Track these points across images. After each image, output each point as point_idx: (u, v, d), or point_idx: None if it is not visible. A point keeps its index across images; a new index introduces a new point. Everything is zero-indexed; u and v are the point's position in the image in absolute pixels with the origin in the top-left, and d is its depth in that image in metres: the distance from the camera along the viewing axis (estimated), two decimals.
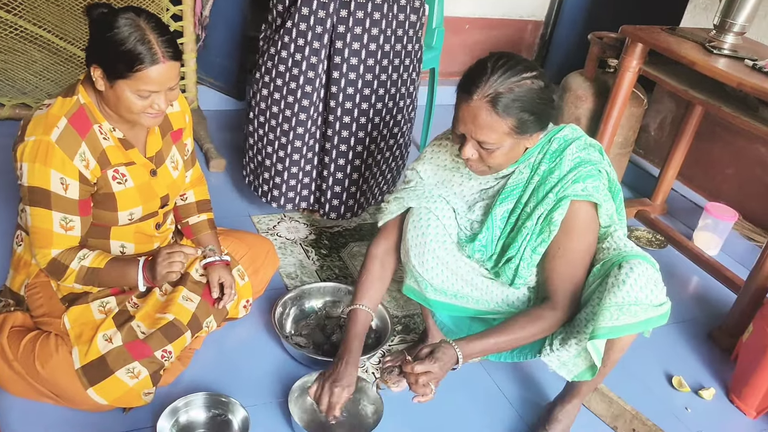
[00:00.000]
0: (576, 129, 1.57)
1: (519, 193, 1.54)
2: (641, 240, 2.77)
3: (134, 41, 1.38)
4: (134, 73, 1.40)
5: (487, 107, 1.38)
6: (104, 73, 1.43)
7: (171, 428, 1.55)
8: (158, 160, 1.65)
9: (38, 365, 1.54)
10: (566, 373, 1.59)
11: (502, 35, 3.96)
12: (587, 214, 1.50)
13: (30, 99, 2.84)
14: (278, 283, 2.14)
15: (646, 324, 1.45)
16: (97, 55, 1.43)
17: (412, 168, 1.70)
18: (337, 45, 2.09)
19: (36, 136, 1.44)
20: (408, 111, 2.38)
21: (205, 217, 1.83)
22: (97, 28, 1.43)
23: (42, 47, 2.80)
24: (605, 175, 1.53)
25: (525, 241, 1.53)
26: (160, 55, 1.41)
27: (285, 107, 2.16)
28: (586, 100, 2.85)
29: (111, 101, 1.47)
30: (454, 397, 1.82)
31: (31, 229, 1.51)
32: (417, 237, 1.60)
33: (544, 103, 1.43)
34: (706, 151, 2.92)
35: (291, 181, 2.27)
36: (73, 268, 1.53)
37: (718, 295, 2.49)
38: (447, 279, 1.63)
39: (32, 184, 1.45)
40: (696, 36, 2.46)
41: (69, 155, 1.45)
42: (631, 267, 1.43)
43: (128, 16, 1.40)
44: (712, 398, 1.99)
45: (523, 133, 1.44)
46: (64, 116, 1.46)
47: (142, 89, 1.42)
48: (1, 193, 2.33)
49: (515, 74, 1.39)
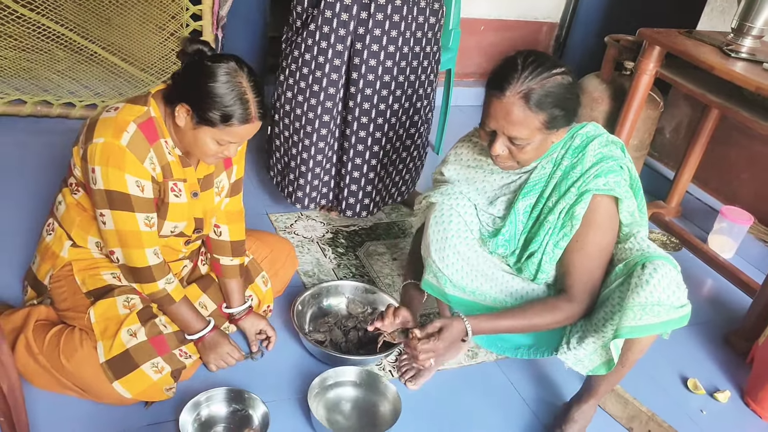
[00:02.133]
0: (598, 126, 1.60)
1: (541, 187, 1.57)
2: (656, 242, 2.76)
3: (233, 99, 1.42)
4: (225, 126, 1.44)
5: (520, 103, 1.41)
6: (192, 114, 1.45)
7: (193, 422, 1.57)
8: (206, 183, 1.68)
9: (63, 359, 1.56)
10: (582, 369, 1.62)
11: (517, 37, 3.97)
12: (608, 208, 1.52)
13: (51, 96, 2.88)
14: (296, 281, 2.16)
15: (668, 325, 1.47)
16: (189, 97, 1.45)
17: (437, 171, 1.74)
18: (356, 46, 2.11)
19: (105, 139, 1.45)
20: (425, 112, 2.39)
21: (238, 261, 1.82)
22: (194, 69, 1.44)
23: (65, 46, 2.85)
24: (627, 171, 1.55)
25: (547, 236, 1.55)
26: (253, 116, 1.46)
27: (308, 109, 2.18)
28: (602, 102, 2.86)
29: (187, 137, 1.51)
30: (470, 395, 1.84)
31: (116, 232, 1.52)
32: (438, 233, 1.63)
33: (573, 98, 1.47)
34: (721, 154, 2.92)
35: (314, 181, 2.31)
36: (158, 285, 1.59)
37: (733, 298, 2.49)
38: (467, 275, 1.65)
39: (109, 188, 1.47)
40: (713, 39, 2.46)
41: (140, 159, 1.47)
42: (654, 268, 1.44)
43: (231, 69, 1.43)
44: (727, 401, 1.99)
45: (552, 128, 1.46)
46: (134, 121, 1.47)
47: (223, 139, 1.47)
48: (25, 189, 2.37)
49: (546, 70, 1.42)
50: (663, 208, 2.96)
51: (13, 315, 1.68)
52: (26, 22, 2.72)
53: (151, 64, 2.97)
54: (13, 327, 1.65)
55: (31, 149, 2.64)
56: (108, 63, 2.96)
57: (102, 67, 2.96)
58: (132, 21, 2.84)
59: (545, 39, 4.08)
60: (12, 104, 2.81)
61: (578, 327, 1.62)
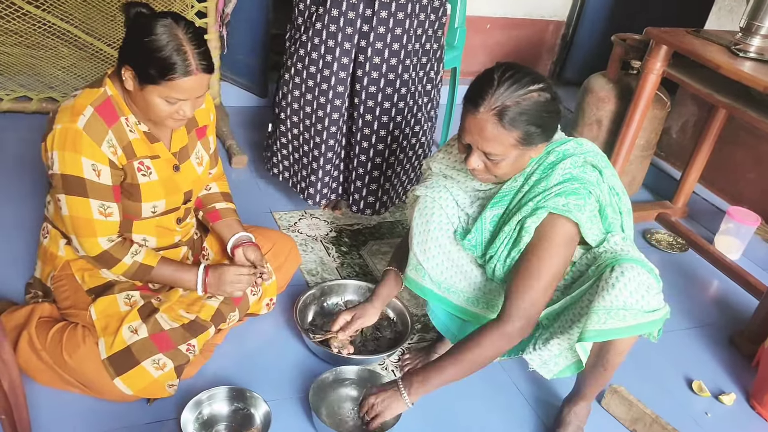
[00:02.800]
0: (582, 144, 1.53)
1: (509, 200, 1.54)
2: (662, 243, 2.76)
3: (170, 50, 1.40)
4: (166, 81, 1.42)
5: (493, 120, 1.38)
6: (135, 75, 1.44)
7: (194, 421, 1.57)
8: (182, 155, 1.67)
9: (66, 355, 1.57)
10: (546, 372, 1.60)
11: (524, 35, 3.95)
12: (564, 230, 1.45)
13: (57, 93, 2.88)
14: (299, 280, 2.16)
15: (636, 329, 1.43)
16: (130, 57, 1.44)
17: (426, 164, 1.73)
18: (361, 44, 2.10)
19: (63, 124, 1.46)
20: (428, 110, 2.39)
21: (231, 205, 1.86)
22: (133, 29, 1.44)
23: (69, 43, 2.85)
24: (594, 197, 1.48)
25: (502, 245, 1.53)
26: (194, 67, 1.43)
27: (318, 107, 2.18)
28: (609, 102, 2.84)
29: (138, 102, 1.50)
30: (472, 395, 1.83)
31: (69, 219, 1.52)
32: (421, 225, 1.63)
33: (551, 115, 1.43)
34: (728, 154, 2.90)
35: (325, 177, 2.31)
36: (125, 263, 1.58)
37: (740, 299, 2.47)
38: (446, 270, 1.65)
39: (64, 172, 1.47)
40: (721, 38, 2.44)
41: (97, 142, 1.47)
42: (622, 271, 1.41)
43: (167, 24, 1.41)
44: (732, 404, 1.97)
45: (528, 145, 1.43)
46: (90, 105, 1.48)
47: (171, 96, 1.45)
48: (29, 186, 2.37)
49: (522, 87, 1.38)
50: (669, 208, 2.95)
51: (16, 312, 1.69)
52: (31, 18, 2.72)
53: None
54: (17, 324, 1.65)
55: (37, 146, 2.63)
56: (113, 59, 2.96)
57: (107, 63, 2.96)
58: None
59: (552, 37, 4.06)
60: (18, 101, 2.81)
61: (546, 328, 1.60)
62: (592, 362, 1.55)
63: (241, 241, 1.79)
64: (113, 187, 1.53)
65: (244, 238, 1.80)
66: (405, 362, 1.89)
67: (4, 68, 2.84)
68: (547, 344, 1.57)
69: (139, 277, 1.63)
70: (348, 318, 1.81)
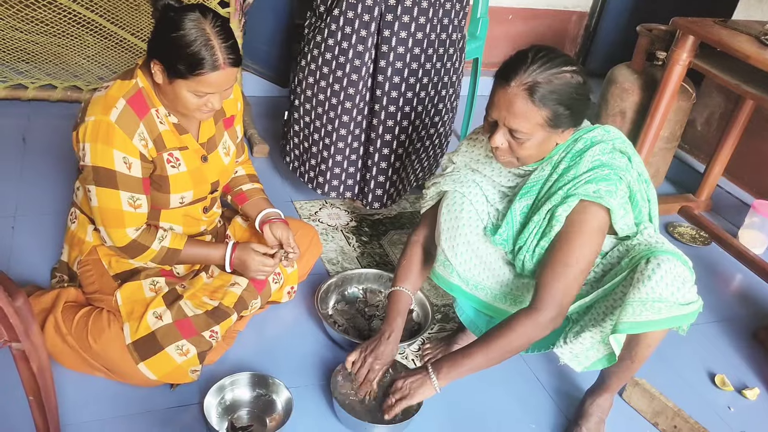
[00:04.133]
0: (609, 131, 1.51)
1: (538, 189, 1.52)
2: (684, 236, 2.73)
3: (198, 46, 1.41)
4: (194, 76, 1.44)
5: (523, 95, 1.37)
6: (164, 69, 1.46)
7: (217, 405, 1.59)
8: (210, 146, 1.69)
9: (91, 340, 1.59)
10: (576, 365, 1.58)
11: (546, 26, 3.92)
12: (596, 217, 1.44)
13: (81, 82, 2.91)
14: (320, 269, 2.17)
15: (670, 322, 1.42)
16: (159, 51, 1.46)
17: (448, 158, 1.71)
18: (384, 33, 2.10)
19: (96, 116, 1.48)
20: (450, 100, 2.38)
21: (258, 185, 1.89)
22: (162, 23, 1.45)
23: (95, 32, 2.88)
24: (625, 183, 1.47)
25: (532, 234, 1.51)
26: (221, 62, 1.44)
27: (331, 95, 2.18)
28: (633, 93, 2.81)
29: (168, 95, 1.51)
30: (494, 387, 1.83)
31: (99, 209, 1.55)
32: (450, 221, 1.61)
33: (581, 99, 1.42)
34: (755, 147, 2.86)
35: (335, 168, 2.30)
36: (153, 249, 1.61)
37: (764, 294, 2.44)
38: (474, 267, 1.63)
39: (96, 163, 1.49)
40: (750, 28, 2.40)
41: (128, 135, 1.49)
42: (658, 263, 1.39)
43: (194, 18, 1.42)
44: (756, 398, 1.95)
45: (555, 127, 1.41)
46: (122, 97, 1.49)
47: (199, 90, 1.46)
48: (55, 173, 2.41)
49: (555, 66, 1.38)
50: (693, 201, 2.91)
51: (43, 296, 1.71)
52: (57, 7, 2.75)
53: None
54: (43, 308, 1.68)
55: (62, 133, 2.68)
56: (137, 48, 2.98)
57: (131, 52, 2.98)
58: None
59: (575, 28, 4.02)
60: (43, 89, 2.85)
61: (576, 321, 1.59)
62: (620, 354, 1.54)
63: (269, 218, 1.80)
64: (143, 180, 1.55)
65: (272, 215, 1.81)
66: (425, 352, 1.89)
67: (30, 57, 2.87)
68: (578, 337, 1.55)
69: (168, 261, 1.65)
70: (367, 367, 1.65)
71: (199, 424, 1.58)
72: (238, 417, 1.61)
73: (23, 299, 1.17)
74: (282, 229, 1.77)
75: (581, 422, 1.69)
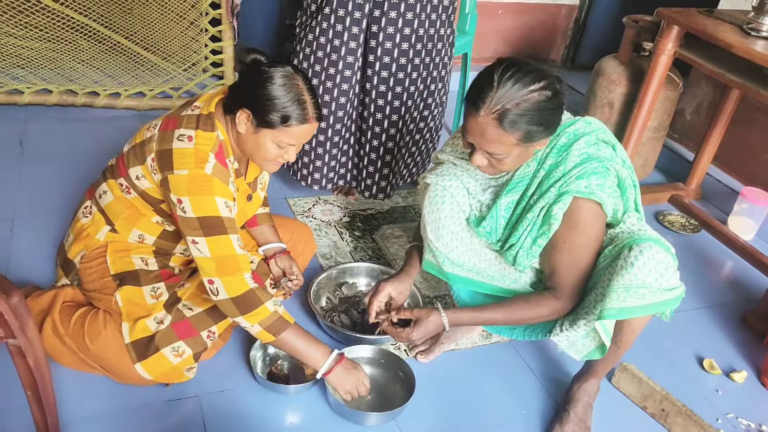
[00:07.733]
0: (590, 123, 1.54)
1: (525, 185, 1.56)
2: (675, 225, 2.76)
3: (292, 100, 1.48)
4: (283, 127, 1.50)
5: (493, 123, 1.38)
6: (252, 119, 1.51)
7: (262, 355, 1.79)
8: (254, 185, 1.76)
9: (88, 341, 1.61)
10: (575, 353, 1.63)
11: (536, 20, 3.94)
12: (591, 210, 1.49)
13: (76, 86, 2.95)
14: (314, 264, 2.20)
15: (655, 307, 1.46)
16: (248, 101, 1.50)
17: (434, 156, 1.76)
18: (372, 29, 2.13)
19: (190, 171, 1.49)
20: (439, 95, 2.41)
21: (267, 209, 1.94)
22: (252, 75, 1.51)
23: (89, 36, 2.91)
24: (613, 172, 1.52)
25: (525, 232, 1.55)
26: (311, 116, 1.52)
27: (324, 92, 2.21)
28: (620, 84, 2.84)
29: (248, 143, 1.56)
30: (484, 375, 1.87)
31: (214, 260, 1.51)
32: (432, 213, 1.66)
33: (552, 112, 1.43)
34: (742, 135, 2.88)
35: (332, 162, 2.34)
36: (267, 308, 1.54)
37: (753, 279, 2.48)
38: (463, 253, 1.68)
39: (201, 214, 1.50)
40: (734, 18, 2.43)
41: (225, 183, 1.53)
42: (640, 250, 1.44)
43: (288, 73, 1.50)
44: (743, 381, 1.99)
45: (531, 141, 1.44)
46: (211, 152, 1.52)
47: (283, 141, 1.53)
48: (52, 175, 2.45)
49: (523, 86, 1.36)
50: (682, 189, 2.94)
51: (40, 297, 1.73)
52: (51, 13, 2.78)
53: (173, 52, 3.03)
54: (41, 309, 1.70)
55: (58, 137, 2.73)
56: (131, 52, 3.02)
57: (125, 56, 3.02)
58: (153, 11, 2.90)
59: (564, 22, 4.05)
60: (39, 94, 2.89)
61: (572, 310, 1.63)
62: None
63: (273, 252, 1.88)
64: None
65: (276, 249, 1.89)
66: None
67: (26, 62, 2.91)
68: (573, 325, 1.59)
69: (273, 330, 1.55)
70: (386, 299, 1.74)
71: (196, 416, 1.61)
72: (280, 365, 1.79)
73: (18, 297, 1.20)
74: (285, 260, 1.88)
75: (569, 407, 1.72)
